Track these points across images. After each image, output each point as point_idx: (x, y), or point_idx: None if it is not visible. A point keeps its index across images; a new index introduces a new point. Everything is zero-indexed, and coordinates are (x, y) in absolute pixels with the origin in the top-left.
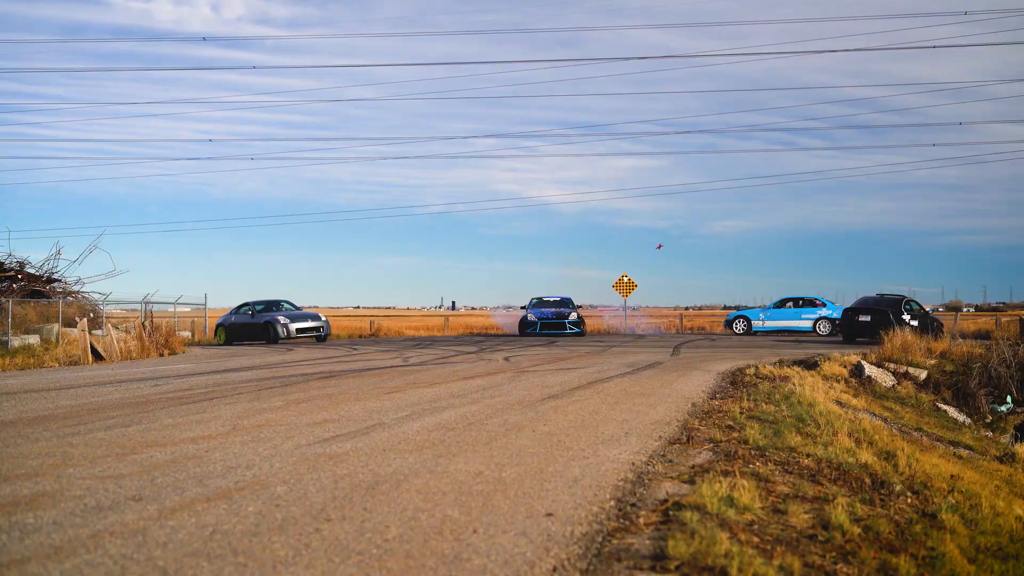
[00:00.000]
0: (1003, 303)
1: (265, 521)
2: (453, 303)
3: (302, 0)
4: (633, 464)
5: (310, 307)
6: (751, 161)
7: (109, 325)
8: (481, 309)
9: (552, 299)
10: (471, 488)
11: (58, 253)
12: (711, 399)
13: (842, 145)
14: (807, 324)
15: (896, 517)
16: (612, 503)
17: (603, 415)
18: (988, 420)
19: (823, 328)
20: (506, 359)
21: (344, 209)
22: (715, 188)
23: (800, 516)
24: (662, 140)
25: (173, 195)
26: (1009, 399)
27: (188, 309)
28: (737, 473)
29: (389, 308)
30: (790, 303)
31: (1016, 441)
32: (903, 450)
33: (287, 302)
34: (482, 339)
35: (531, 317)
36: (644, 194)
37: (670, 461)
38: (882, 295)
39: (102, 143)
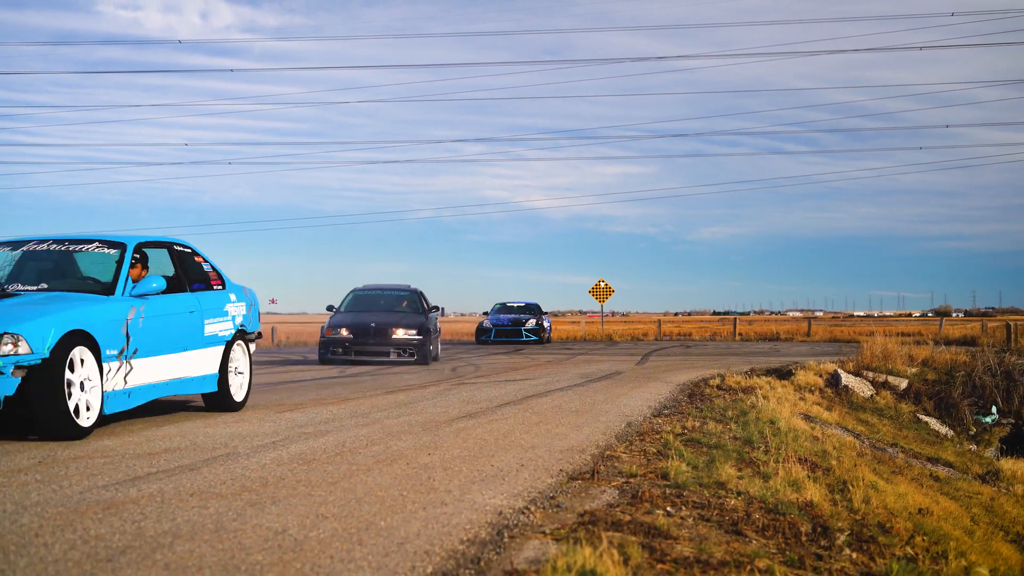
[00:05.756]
0: (992, 308)
1: None
2: (442, 310)
3: (290, 9)
4: (501, 513)
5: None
6: (738, 167)
7: None
8: (470, 316)
9: (516, 304)
10: (246, 559)
11: None
12: (655, 416)
13: (828, 149)
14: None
15: None
16: None
17: (512, 439)
18: (972, 432)
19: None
20: (453, 369)
21: (332, 215)
22: (703, 194)
23: None
24: (649, 146)
25: (164, 202)
26: (994, 410)
27: None
28: (625, 528)
29: None
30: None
31: (1001, 456)
32: (861, 480)
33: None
34: (446, 346)
35: (486, 324)
36: (632, 199)
37: (557, 506)
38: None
39: (92, 148)
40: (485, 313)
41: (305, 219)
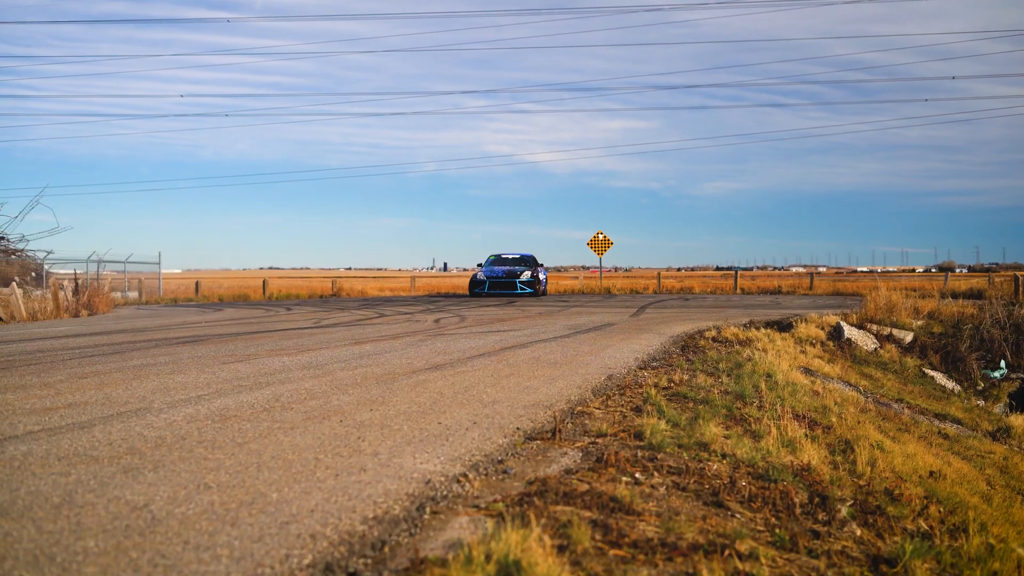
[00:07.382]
0: (996, 264)
1: None
2: (445, 264)
3: None
4: (428, 482)
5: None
6: (741, 121)
7: (14, 285)
8: (472, 270)
9: (511, 256)
10: (71, 546)
11: None
12: (641, 369)
13: (831, 102)
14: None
15: (827, 574)
16: None
17: (473, 393)
18: (980, 387)
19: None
20: (436, 321)
21: (336, 168)
22: (706, 148)
23: None
24: (652, 100)
25: (164, 156)
26: (1003, 364)
27: (168, 271)
28: (578, 501)
29: (381, 269)
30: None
31: (1010, 411)
32: (865, 440)
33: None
34: (440, 299)
35: (480, 276)
36: (635, 153)
37: (504, 472)
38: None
39: (92, 101)
40: (479, 265)
41: (307, 173)
